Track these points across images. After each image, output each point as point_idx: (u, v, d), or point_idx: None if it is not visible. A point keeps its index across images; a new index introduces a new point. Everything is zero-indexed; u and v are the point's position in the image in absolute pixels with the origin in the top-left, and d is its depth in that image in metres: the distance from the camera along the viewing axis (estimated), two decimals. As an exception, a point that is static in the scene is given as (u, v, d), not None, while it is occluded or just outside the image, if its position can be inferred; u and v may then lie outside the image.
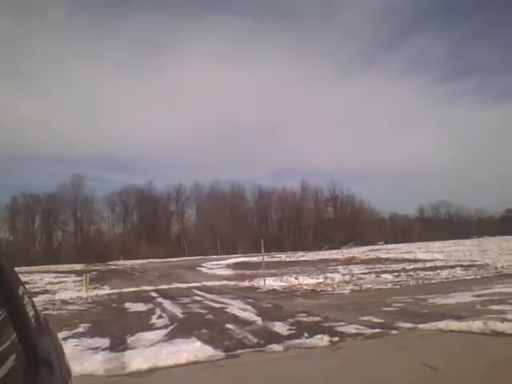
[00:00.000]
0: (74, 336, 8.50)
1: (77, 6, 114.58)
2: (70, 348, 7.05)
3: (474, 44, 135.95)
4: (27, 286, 1.85)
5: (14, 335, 1.29)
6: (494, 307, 8.87)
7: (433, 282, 15.40)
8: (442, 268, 20.30)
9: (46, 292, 18.94)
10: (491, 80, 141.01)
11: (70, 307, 13.70)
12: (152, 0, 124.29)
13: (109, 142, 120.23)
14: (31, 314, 1.55)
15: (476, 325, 6.89)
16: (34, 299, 2.08)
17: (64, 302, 15.25)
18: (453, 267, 20.27)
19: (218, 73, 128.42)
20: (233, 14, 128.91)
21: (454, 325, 7.14)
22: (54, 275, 32.90)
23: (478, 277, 16.01)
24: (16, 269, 1.68)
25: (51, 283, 24.97)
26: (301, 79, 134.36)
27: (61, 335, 8.00)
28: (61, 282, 25.45)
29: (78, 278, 25.78)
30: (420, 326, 7.54)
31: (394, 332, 7.34)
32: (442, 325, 7.26)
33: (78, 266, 51.21)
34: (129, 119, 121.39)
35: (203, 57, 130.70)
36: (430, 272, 18.50)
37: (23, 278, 1.87)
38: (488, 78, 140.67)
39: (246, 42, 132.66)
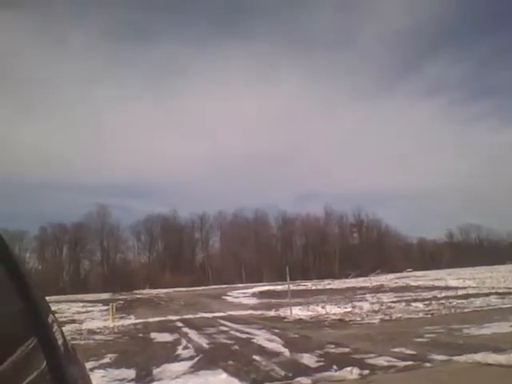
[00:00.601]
0: (100, 366, 8.50)
1: (91, 33, 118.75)
2: (96, 379, 7.03)
3: (492, 66, 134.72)
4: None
5: (44, 364, 1.28)
6: (535, 338, 8.43)
7: (466, 310, 14.80)
8: (475, 296, 19.54)
9: (73, 321, 19.13)
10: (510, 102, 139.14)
11: (97, 337, 13.75)
12: (166, 27, 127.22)
13: (130, 170, 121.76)
14: (60, 341, 1.55)
15: (516, 358, 6.54)
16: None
17: (91, 331, 15.34)
18: (487, 295, 19.48)
19: (238, 99, 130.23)
20: (247, 39, 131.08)
21: (492, 357, 6.78)
22: (82, 304, 33.25)
23: (514, 305, 15.31)
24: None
25: (78, 312, 25.24)
26: (319, 103, 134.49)
27: (87, 365, 7.99)
28: (88, 312, 25.68)
29: (105, 308, 25.95)
30: (455, 358, 7.21)
31: (427, 364, 7.03)
32: (479, 357, 6.91)
33: (104, 295, 51.67)
34: (149, 146, 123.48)
35: (223, 83, 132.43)
36: (463, 300, 17.82)
37: (51, 307, 1.88)
38: (509, 99, 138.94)
39: (262, 65, 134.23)
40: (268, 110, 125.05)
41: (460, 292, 22.54)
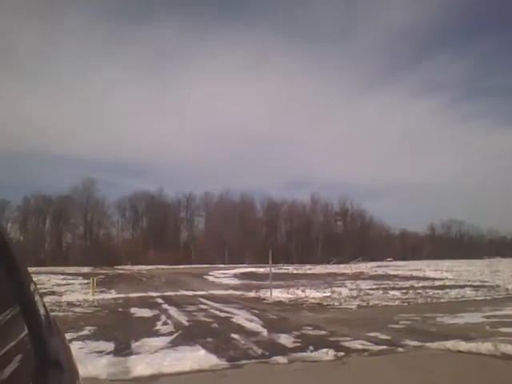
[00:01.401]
0: (78, 338, 8.53)
1: (96, 15, 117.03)
2: (74, 350, 7.05)
3: (487, 68, 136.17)
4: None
5: (23, 334, 1.28)
6: (504, 329, 8.70)
7: (441, 300, 15.18)
8: (451, 287, 20.01)
9: (52, 293, 19.05)
10: (503, 103, 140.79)
11: (76, 309, 13.76)
12: (171, 12, 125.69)
13: (123, 147, 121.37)
14: (41, 311, 1.54)
15: (485, 346, 6.76)
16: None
17: (70, 304, 15.33)
18: (462, 287, 19.97)
19: (233, 84, 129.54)
20: (250, 27, 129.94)
21: (463, 345, 7.01)
22: (62, 277, 33.10)
23: (488, 298, 15.75)
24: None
25: (58, 285, 25.13)
26: (316, 94, 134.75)
27: (65, 336, 8.02)
28: (68, 284, 25.60)
29: (85, 281, 25.92)
30: (427, 344, 7.42)
31: (400, 350, 7.23)
32: (450, 344, 7.13)
33: (85, 269, 51.48)
34: (144, 126, 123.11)
35: (219, 68, 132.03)
36: (439, 291, 18.25)
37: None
38: (500, 102, 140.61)
39: (262, 55, 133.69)
40: (265, 98, 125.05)
41: (437, 283, 23.04)
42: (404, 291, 18.26)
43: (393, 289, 19.47)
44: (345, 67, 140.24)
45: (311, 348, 7.31)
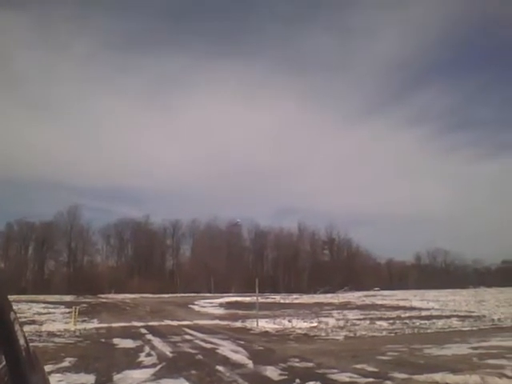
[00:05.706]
0: (58, 370, 8.26)
1: (97, 43, 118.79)
2: (53, 383, 6.83)
3: (474, 99, 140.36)
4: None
5: (1, 366, 1.24)
6: (492, 361, 8.66)
7: (428, 331, 15.11)
8: (437, 317, 19.96)
9: (33, 322, 18.51)
10: (490, 134, 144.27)
11: (57, 340, 13.37)
12: (171, 42, 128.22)
13: (112, 173, 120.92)
14: (21, 342, 1.49)
15: (473, 379, 6.71)
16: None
17: (51, 334, 14.89)
18: (449, 317, 19.94)
19: (223, 113, 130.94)
20: (247, 58, 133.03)
21: (450, 378, 6.95)
22: (43, 305, 32.22)
23: (474, 328, 15.72)
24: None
25: (39, 313, 24.44)
26: (306, 124, 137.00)
27: (45, 369, 7.75)
28: (49, 313, 24.91)
29: (67, 310, 25.25)
30: (415, 377, 7.34)
31: (388, 382, 7.13)
32: (438, 377, 7.06)
33: (68, 298, 50.19)
34: (133, 152, 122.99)
35: (212, 97, 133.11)
36: (426, 321, 18.18)
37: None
38: (487, 133, 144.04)
39: (253, 86, 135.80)
40: (254, 127, 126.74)
41: (424, 313, 22.98)
42: (391, 321, 18.14)
43: (380, 319, 19.34)
44: (334, 99, 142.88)
45: (298, 381, 7.18)
